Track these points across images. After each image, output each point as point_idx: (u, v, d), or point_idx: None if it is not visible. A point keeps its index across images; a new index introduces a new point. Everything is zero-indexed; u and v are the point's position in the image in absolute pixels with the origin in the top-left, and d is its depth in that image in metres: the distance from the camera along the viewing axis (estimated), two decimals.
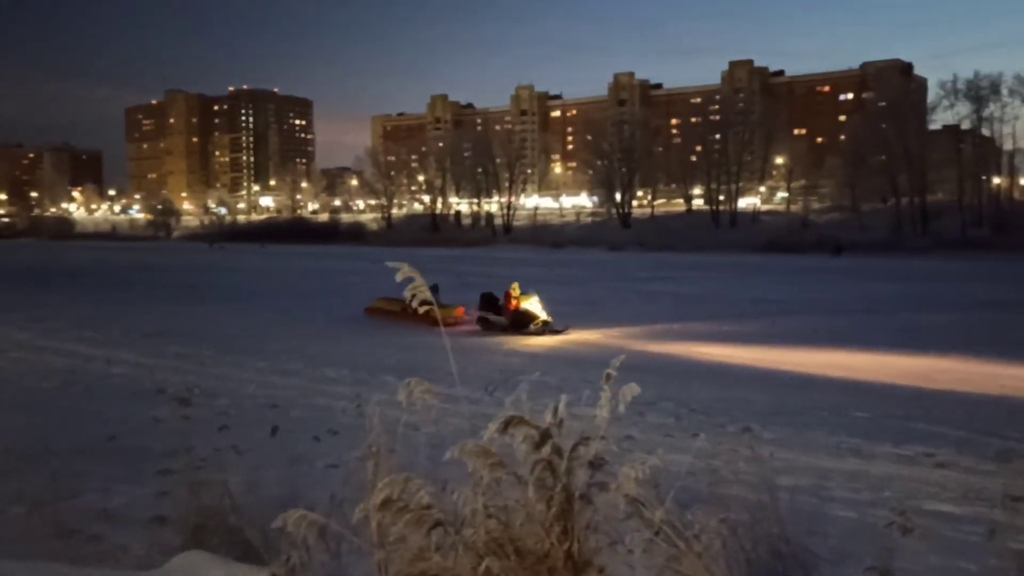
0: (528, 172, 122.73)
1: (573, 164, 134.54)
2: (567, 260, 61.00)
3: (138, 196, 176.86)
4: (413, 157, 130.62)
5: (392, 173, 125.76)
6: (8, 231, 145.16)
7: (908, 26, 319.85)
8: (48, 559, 4.60)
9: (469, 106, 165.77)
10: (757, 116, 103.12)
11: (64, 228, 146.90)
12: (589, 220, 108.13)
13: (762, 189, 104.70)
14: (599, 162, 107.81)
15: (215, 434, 6.74)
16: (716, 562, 3.03)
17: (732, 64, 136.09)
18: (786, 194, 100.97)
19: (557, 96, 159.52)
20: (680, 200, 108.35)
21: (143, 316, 24.11)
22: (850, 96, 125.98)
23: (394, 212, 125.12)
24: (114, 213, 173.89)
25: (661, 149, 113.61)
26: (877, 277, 41.21)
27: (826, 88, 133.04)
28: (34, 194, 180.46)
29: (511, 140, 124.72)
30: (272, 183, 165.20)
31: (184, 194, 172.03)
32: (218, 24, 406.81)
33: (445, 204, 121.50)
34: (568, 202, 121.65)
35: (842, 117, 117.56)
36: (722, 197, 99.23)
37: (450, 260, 57.40)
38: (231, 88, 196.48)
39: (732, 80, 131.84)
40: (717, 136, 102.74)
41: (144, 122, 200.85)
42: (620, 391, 2.88)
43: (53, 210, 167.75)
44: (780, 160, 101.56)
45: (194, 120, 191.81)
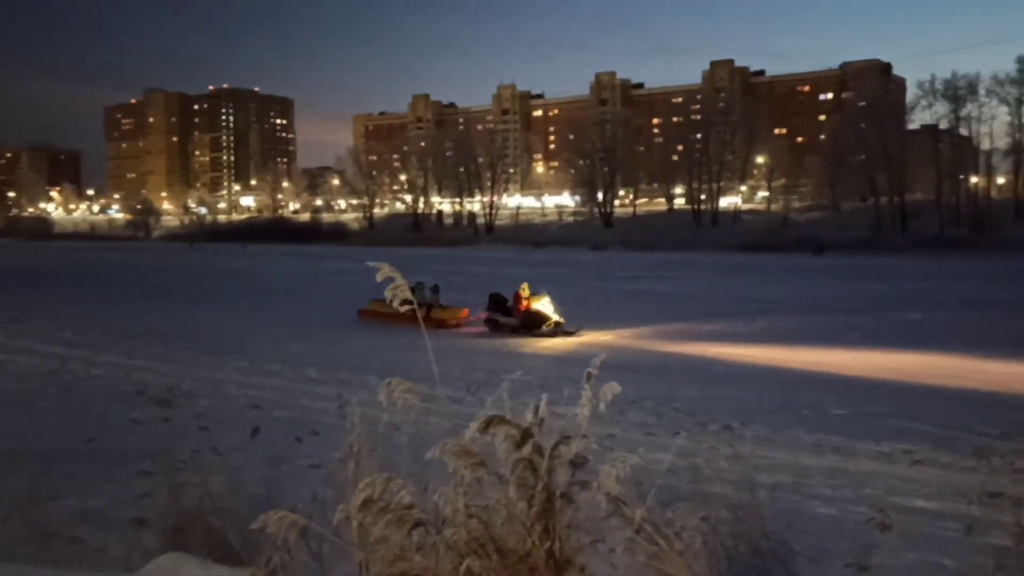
0: (510, 171, 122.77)
1: (555, 163, 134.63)
2: (550, 260, 61.04)
3: (117, 196, 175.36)
4: (395, 157, 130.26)
5: (374, 173, 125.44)
6: None
7: (887, 26, 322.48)
8: (26, 562, 4.56)
9: (451, 105, 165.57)
10: (738, 116, 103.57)
11: (42, 228, 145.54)
12: (571, 219, 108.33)
13: (743, 188, 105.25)
14: (581, 161, 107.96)
15: (195, 435, 6.69)
16: (697, 560, 3.04)
17: (713, 64, 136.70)
18: (767, 193, 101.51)
19: (539, 95, 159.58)
20: (662, 199, 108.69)
21: (122, 317, 23.92)
22: (830, 96, 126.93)
23: (376, 212, 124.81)
24: (93, 213, 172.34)
25: (643, 148, 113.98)
26: (858, 276, 41.51)
27: (806, 88, 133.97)
28: (11, 194, 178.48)
29: (493, 139, 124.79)
30: (253, 183, 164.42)
31: (164, 194, 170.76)
32: (198, 23, 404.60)
33: (427, 204, 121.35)
34: (550, 201, 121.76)
35: (822, 117, 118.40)
36: (703, 196, 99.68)
37: (433, 260, 57.29)
38: (211, 87, 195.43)
39: (713, 80, 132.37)
40: (698, 136, 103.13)
41: (123, 121, 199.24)
42: (601, 390, 2.88)
43: (31, 210, 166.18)
44: (761, 159, 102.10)
45: (174, 119, 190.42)
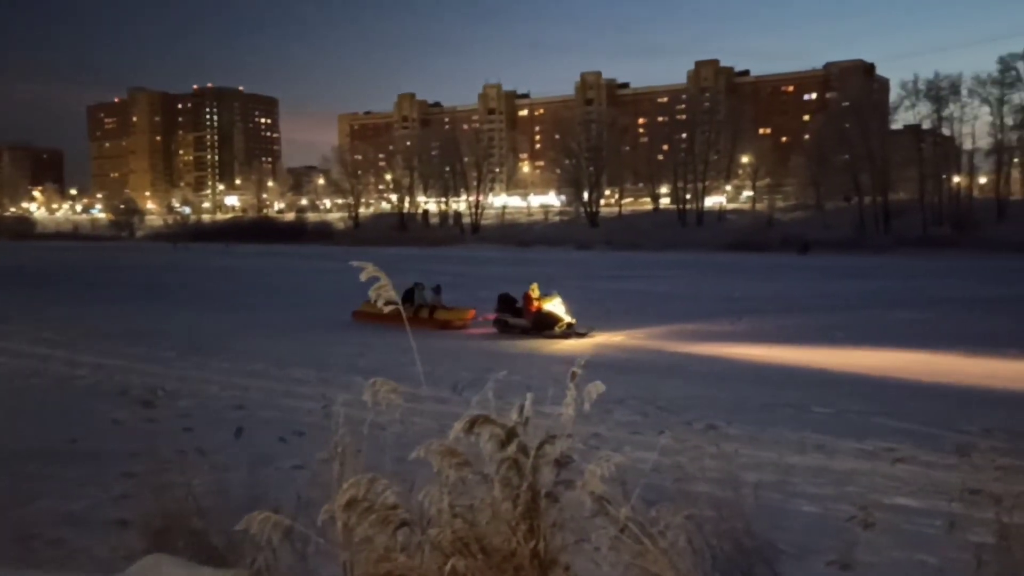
0: (496, 171, 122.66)
1: (541, 163, 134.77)
2: (536, 259, 61.04)
3: (100, 195, 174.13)
4: (380, 156, 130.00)
5: (359, 172, 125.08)
6: None
7: (870, 27, 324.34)
8: (8, 565, 4.52)
9: (436, 105, 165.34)
10: (723, 115, 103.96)
11: (24, 228, 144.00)
12: (557, 219, 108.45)
13: (728, 188, 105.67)
14: (567, 161, 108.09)
15: (179, 436, 6.67)
16: (681, 558, 3.05)
17: (698, 64, 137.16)
18: (751, 193, 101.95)
19: (525, 95, 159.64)
20: (647, 199, 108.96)
21: (105, 317, 23.74)
22: (814, 96, 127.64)
23: (361, 211, 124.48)
24: (76, 213, 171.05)
25: (628, 148, 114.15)
26: (842, 275, 41.74)
27: (790, 88, 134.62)
28: None
29: (479, 139, 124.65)
30: (237, 182, 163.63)
31: (147, 193, 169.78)
32: (182, 21, 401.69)
33: (413, 203, 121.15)
34: (536, 201, 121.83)
35: (806, 116, 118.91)
36: (689, 196, 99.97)
37: (419, 259, 57.18)
38: (195, 86, 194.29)
39: (698, 80, 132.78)
40: (683, 135, 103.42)
41: (106, 120, 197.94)
42: (586, 389, 2.89)
43: (13, 210, 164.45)
44: (745, 159, 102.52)
45: (157, 118, 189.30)
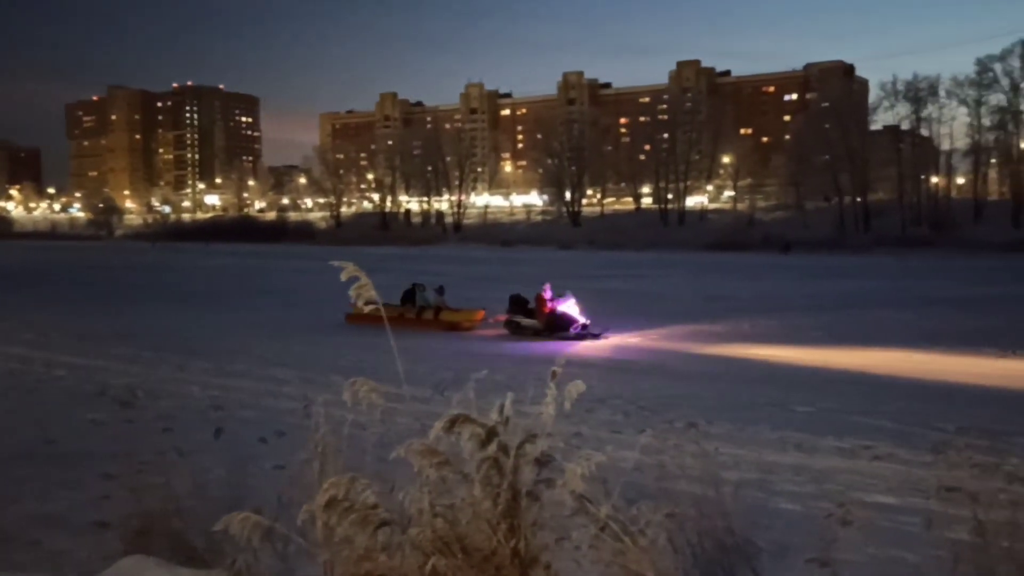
0: (478, 170, 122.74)
1: (523, 163, 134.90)
2: (519, 259, 61.09)
3: (79, 194, 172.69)
4: (362, 155, 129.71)
5: (341, 171, 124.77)
6: None
7: (850, 28, 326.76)
8: None
9: (419, 104, 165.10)
10: (704, 116, 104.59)
11: (1, 227, 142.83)
12: (539, 218, 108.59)
13: (709, 188, 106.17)
14: (549, 161, 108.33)
15: (158, 436, 6.62)
16: (662, 556, 3.07)
17: (680, 64, 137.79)
18: (733, 193, 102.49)
19: (507, 95, 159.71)
20: (629, 199, 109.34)
21: (83, 317, 23.55)
22: (794, 96, 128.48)
23: (343, 210, 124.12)
24: (54, 212, 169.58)
25: (610, 148, 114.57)
26: (823, 275, 42.06)
27: (771, 88, 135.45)
28: None
29: (461, 138, 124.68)
30: (218, 181, 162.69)
31: (127, 192, 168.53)
32: (162, 19, 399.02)
33: (395, 202, 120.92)
34: (518, 200, 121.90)
35: (787, 117, 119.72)
36: (670, 196, 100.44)
37: (401, 259, 57.10)
38: (175, 84, 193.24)
39: (680, 80, 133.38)
40: (665, 135, 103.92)
41: (85, 119, 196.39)
42: (566, 389, 2.90)
43: None
44: (727, 159, 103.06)
45: (137, 117, 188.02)
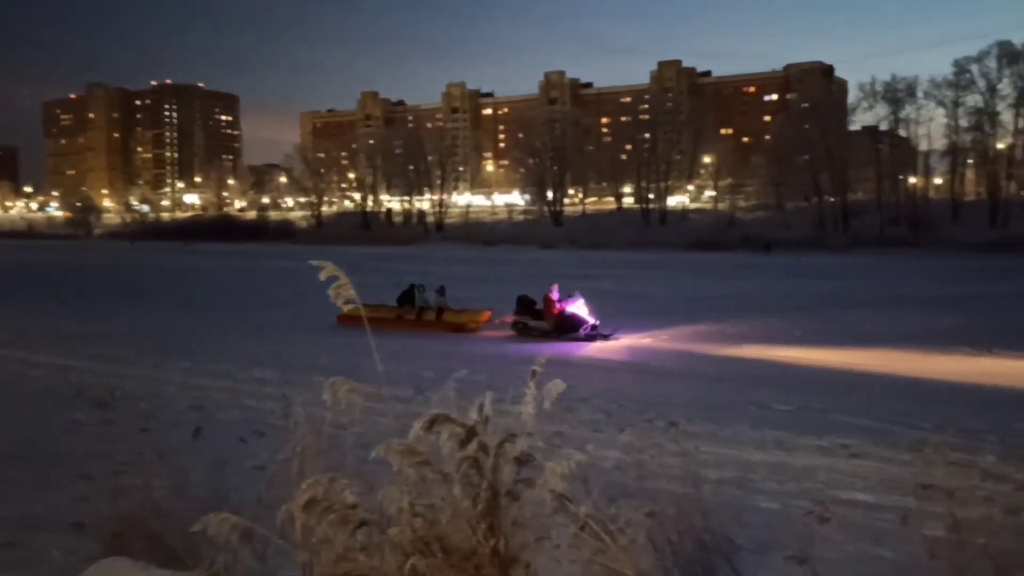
0: (460, 170, 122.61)
1: (505, 162, 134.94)
2: (501, 258, 61.07)
3: (56, 193, 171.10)
4: (343, 154, 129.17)
5: (322, 170, 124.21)
6: None
7: (829, 29, 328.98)
8: None
9: (400, 103, 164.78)
10: (685, 116, 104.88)
11: None
12: (521, 218, 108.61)
13: (690, 187, 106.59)
14: (531, 160, 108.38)
15: (137, 437, 6.58)
16: (642, 554, 3.08)
17: (661, 64, 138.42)
18: (714, 192, 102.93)
19: (489, 94, 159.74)
20: (611, 198, 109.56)
21: (61, 317, 23.33)
22: (774, 97, 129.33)
23: (324, 210, 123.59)
24: (31, 211, 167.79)
25: (592, 148, 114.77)
26: (804, 274, 42.32)
27: (751, 89, 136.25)
28: None
29: (443, 138, 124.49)
30: (197, 180, 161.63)
31: (105, 191, 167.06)
32: (141, 16, 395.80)
33: (376, 202, 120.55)
34: (500, 200, 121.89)
35: (767, 117, 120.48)
36: (652, 195, 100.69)
37: (383, 258, 56.92)
38: (154, 82, 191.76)
39: (661, 80, 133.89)
40: (647, 135, 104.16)
41: (63, 117, 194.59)
42: (546, 388, 2.90)
43: None
44: (708, 159, 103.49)
45: (115, 115, 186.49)
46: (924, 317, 22.80)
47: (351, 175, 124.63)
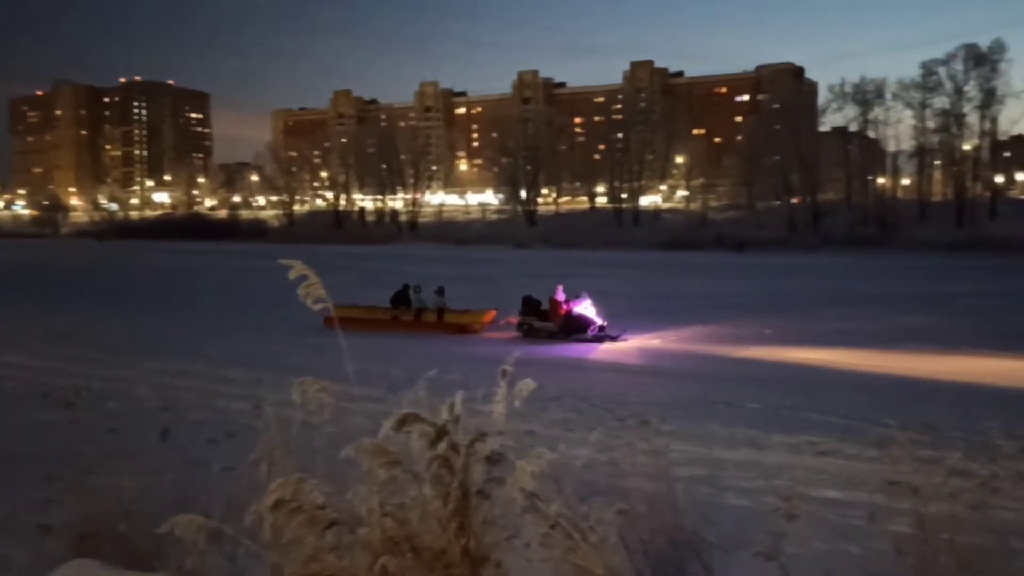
0: (433, 169, 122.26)
1: (478, 161, 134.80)
2: (475, 258, 60.98)
3: (22, 191, 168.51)
4: (315, 153, 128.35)
5: (294, 169, 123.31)
6: None
7: (800, 30, 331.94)
8: None
9: (373, 102, 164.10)
10: (658, 116, 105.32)
11: None
12: (495, 217, 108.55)
13: (663, 187, 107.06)
14: (504, 159, 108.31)
15: (104, 438, 6.51)
16: (612, 553, 3.09)
17: (634, 64, 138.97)
18: (686, 192, 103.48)
19: (462, 93, 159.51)
20: (584, 198, 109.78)
21: (28, 317, 23.02)
22: (746, 98, 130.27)
23: (296, 209, 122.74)
24: None
25: (565, 147, 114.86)
26: (775, 274, 42.66)
27: (723, 89, 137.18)
28: None
29: (416, 136, 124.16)
30: (167, 178, 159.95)
31: (73, 189, 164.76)
32: (109, 12, 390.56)
33: (349, 201, 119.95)
34: (474, 199, 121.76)
35: (739, 118, 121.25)
36: (625, 195, 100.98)
37: (356, 257, 56.71)
38: (122, 79, 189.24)
39: (634, 80, 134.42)
40: (620, 135, 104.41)
41: (29, 114, 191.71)
42: (517, 387, 2.91)
43: None
44: (680, 159, 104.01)
45: (83, 112, 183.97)
46: (893, 316, 23.08)
47: (323, 174, 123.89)
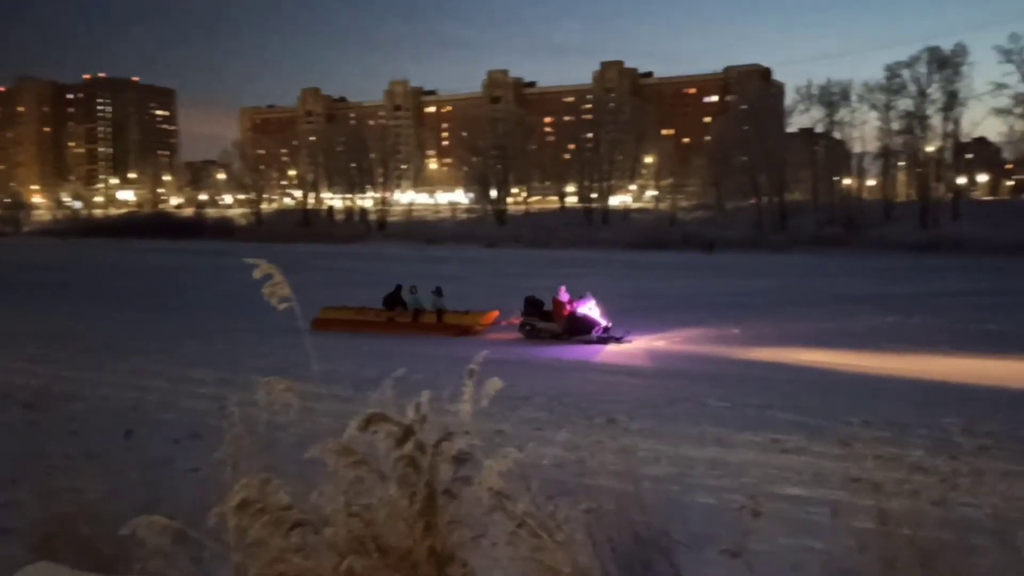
0: (403, 168, 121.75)
1: (448, 160, 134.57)
2: (445, 257, 60.83)
3: None
4: (283, 151, 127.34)
5: (261, 167, 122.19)
6: None
7: (767, 32, 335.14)
8: None
9: (342, 100, 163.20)
10: (627, 116, 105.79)
11: None
12: (464, 217, 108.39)
13: (633, 187, 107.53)
14: (474, 159, 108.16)
15: (66, 439, 6.41)
16: (580, 551, 3.10)
17: (603, 65, 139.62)
18: (655, 192, 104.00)
19: (432, 92, 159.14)
20: (554, 197, 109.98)
21: None
22: (715, 98, 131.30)
23: (264, 207, 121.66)
24: None
25: (535, 147, 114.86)
26: (744, 273, 43.00)
27: (692, 90, 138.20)
28: None
29: (385, 135, 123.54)
30: (132, 176, 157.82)
31: (35, 187, 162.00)
32: (73, 7, 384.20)
33: (318, 199, 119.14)
34: (443, 198, 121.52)
35: (707, 118, 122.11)
36: (595, 195, 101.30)
37: (326, 256, 56.37)
38: (86, 76, 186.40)
39: (603, 80, 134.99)
40: (589, 135, 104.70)
41: None
42: (484, 386, 2.91)
43: None
44: (649, 159, 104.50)
45: (46, 109, 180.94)
46: (856, 315, 23.36)
47: (292, 172, 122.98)
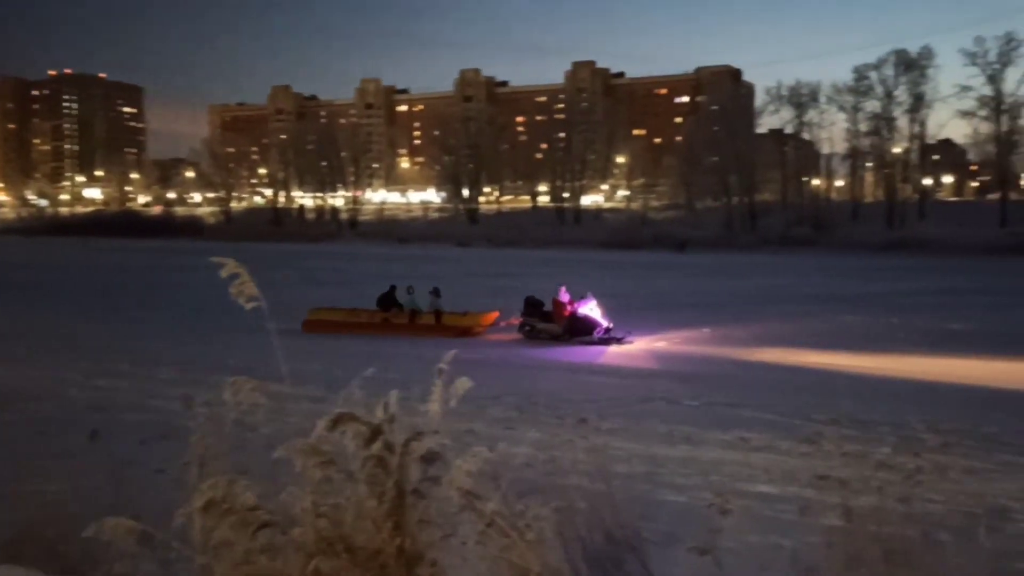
0: (374, 166, 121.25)
1: (420, 159, 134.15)
2: (416, 256, 60.66)
3: None
4: (254, 149, 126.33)
5: (231, 165, 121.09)
6: None
7: (738, 34, 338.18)
8: None
9: (313, 98, 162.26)
10: (599, 116, 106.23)
11: None
12: (436, 216, 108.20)
13: (604, 187, 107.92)
14: (446, 158, 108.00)
15: (31, 440, 6.32)
16: (550, 550, 3.11)
17: (575, 64, 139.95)
18: (627, 192, 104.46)
19: (404, 91, 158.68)
20: (526, 197, 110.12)
21: None
22: (686, 99, 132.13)
23: (233, 206, 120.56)
24: None
25: (507, 146, 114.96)
26: (715, 273, 43.31)
27: (663, 91, 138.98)
28: None
29: (357, 134, 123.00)
30: (99, 174, 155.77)
31: None
32: (38, 1, 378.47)
33: (288, 198, 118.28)
34: (416, 197, 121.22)
35: (678, 119, 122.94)
36: (567, 194, 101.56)
37: (297, 255, 56.00)
38: (52, 72, 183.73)
39: (575, 80, 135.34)
40: (561, 134, 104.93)
41: None
42: (453, 385, 2.90)
43: None
44: (621, 159, 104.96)
45: (10, 105, 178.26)
46: (827, 315, 23.62)
47: (262, 170, 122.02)
